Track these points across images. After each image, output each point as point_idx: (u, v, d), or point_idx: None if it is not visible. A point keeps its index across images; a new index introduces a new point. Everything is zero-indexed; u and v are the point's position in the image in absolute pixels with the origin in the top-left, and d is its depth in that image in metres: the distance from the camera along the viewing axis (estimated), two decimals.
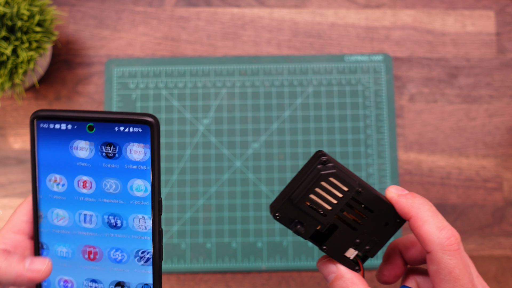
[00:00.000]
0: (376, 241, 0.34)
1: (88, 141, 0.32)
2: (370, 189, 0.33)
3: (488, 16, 0.63)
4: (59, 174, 0.33)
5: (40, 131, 0.33)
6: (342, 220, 0.33)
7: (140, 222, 0.33)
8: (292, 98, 0.61)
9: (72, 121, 0.32)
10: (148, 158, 0.32)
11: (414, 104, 0.62)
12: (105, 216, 0.34)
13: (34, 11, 0.53)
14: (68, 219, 0.34)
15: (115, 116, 0.32)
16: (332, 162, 0.32)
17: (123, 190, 0.33)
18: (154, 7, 0.63)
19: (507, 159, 0.61)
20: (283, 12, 0.63)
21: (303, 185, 0.32)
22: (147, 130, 0.31)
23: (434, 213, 0.31)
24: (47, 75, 0.62)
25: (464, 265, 0.30)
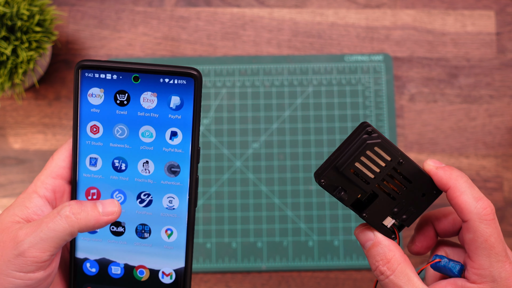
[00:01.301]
0: (412, 211, 0.35)
1: (127, 91, 0.34)
2: (410, 161, 0.34)
3: (488, 16, 0.63)
4: (99, 122, 0.35)
5: (84, 80, 0.34)
6: (382, 189, 0.35)
7: (173, 170, 0.35)
8: (292, 98, 0.61)
9: (118, 72, 0.33)
10: (190, 109, 0.34)
11: (414, 104, 0.62)
12: (140, 162, 0.35)
13: (34, 11, 0.53)
14: (102, 166, 0.36)
15: (161, 68, 0.33)
16: (377, 133, 0.33)
17: (160, 138, 0.35)
18: (154, 7, 0.63)
19: (507, 159, 0.61)
20: (283, 12, 0.63)
21: (348, 153, 0.33)
22: (191, 83, 0.33)
23: (471, 185, 0.33)
24: (47, 75, 0.62)
25: (498, 235, 0.32)
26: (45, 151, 0.60)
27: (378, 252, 0.34)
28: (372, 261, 0.34)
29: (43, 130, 0.61)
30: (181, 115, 0.34)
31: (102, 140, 0.35)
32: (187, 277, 0.37)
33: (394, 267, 0.33)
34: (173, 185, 0.36)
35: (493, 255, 0.31)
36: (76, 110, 0.35)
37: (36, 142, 0.61)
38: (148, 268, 0.37)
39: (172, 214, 0.36)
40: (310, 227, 0.59)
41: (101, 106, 0.34)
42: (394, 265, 0.33)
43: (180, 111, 0.34)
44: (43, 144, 0.61)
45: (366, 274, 0.59)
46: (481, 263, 0.32)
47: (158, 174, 0.35)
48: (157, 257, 0.37)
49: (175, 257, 0.37)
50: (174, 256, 0.37)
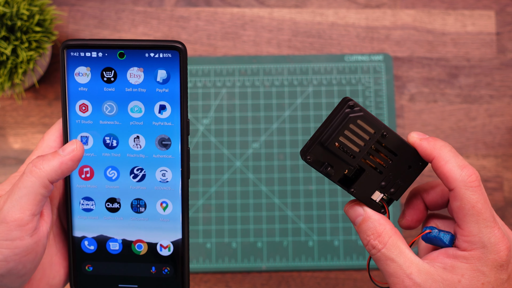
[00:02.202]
0: (400, 184, 0.35)
1: (113, 67, 0.34)
2: (394, 134, 0.34)
3: (489, 16, 0.63)
4: (88, 100, 0.35)
5: (70, 60, 0.34)
6: (369, 163, 0.35)
7: (164, 143, 0.36)
8: (292, 98, 0.61)
9: (103, 49, 0.34)
10: (177, 82, 0.34)
11: (414, 104, 0.62)
12: (131, 137, 0.36)
13: (33, 11, 0.53)
14: (93, 143, 0.36)
15: (145, 43, 0.33)
16: (359, 107, 0.34)
17: (149, 112, 0.35)
18: (154, 7, 0.63)
19: (507, 159, 0.61)
20: (283, 12, 0.63)
21: (332, 128, 0.34)
22: (176, 56, 0.34)
23: (455, 153, 0.33)
24: (47, 75, 0.62)
25: (485, 200, 0.32)
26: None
27: (369, 226, 0.34)
28: (363, 236, 0.34)
29: (43, 130, 0.61)
30: (169, 89, 0.35)
31: (91, 118, 0.36)
32: (185, 248, 0.37)
33: (385, 240, 0.33)
34: (165, 158, 0.36)
35: (481, 221, 0.32)
36: (64, 90, 0.35)
37: (36, 142, 0.61)
38: (146, 242, 0.37)
39: (166, 187, 0.37)
40: (310, 227, 0.59)
41: (88, 85, 0.35)
42: (385, 238, 0.33)
43: (167, 85, 0.35)
44: None
45: (366, 274, 0.59)
46: (470, 230, 0.32)
47: (149, 148, 0.36)
48: (154, 231, 0.37)
49: (172, 229, 0.37)
50: (171, 228, 0.37)
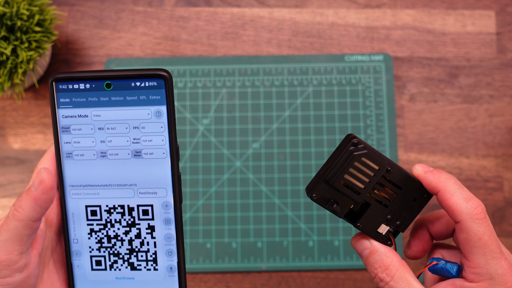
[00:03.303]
0: (406, 216, 0.36)
1: (100, 101, 0.34)
2: (398, 168, 0.35)
3: (489, 16, 0.63)
4: (78, 132, 0.35)
5: (59, 92, 0.34)
6: (374, 198, 0.35)
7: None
8: (292, 98, 0.61)
9: (90, 81, 0.34)
10: (164, 109, 0.34)
11: (415, 104, 0.62)
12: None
13: (33, 11, 0.53)
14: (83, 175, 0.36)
15: (130, 73, 0.34)
16: (363, 144, 0.34)
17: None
18: (154, 7, 0.63)
19: (507, 159, 0.61)
20: (283, 11, 0.63)
21: (337, 166, 0.34)
22: (162, 84, 0.34)
23: (460, 186, 0.33)
24: (47, 75, 0.62)
25: (491, 232, 0.32)
26: (44, 151, 0.60)
27: (376, 259, 0.34)
28: (371, 269, 0.35)
29: (42, 130, 0.61)
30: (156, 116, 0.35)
31: (82, 147, 0.35)
32: (181, 273, 0.36)
33: (393, 273, 0.34)
34: None
35: (488, 253, 0.32)
36: (55, 122, 0.35)
37: (36, 142, 0.61)
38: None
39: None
40: (310, 227, 0.59)
41: (77, 119, 0.35)
42: (393, 271, 0.34)
43: (154, 112, 0.35)
44: (43, 144, 0.61)
45: (366, 274, 0.59)
46: (477, 261, 0.32)
47: None
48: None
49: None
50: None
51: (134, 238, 0.36)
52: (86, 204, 0.35)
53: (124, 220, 0.36)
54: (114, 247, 0.36)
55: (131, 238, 0.36)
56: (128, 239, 0.36)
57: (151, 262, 0.36)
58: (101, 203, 0.35)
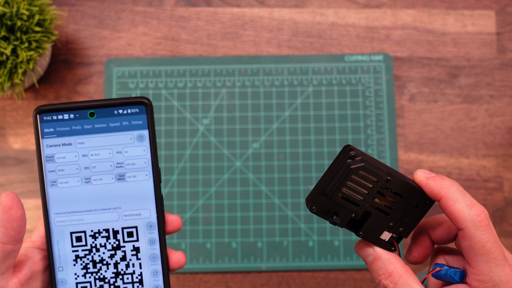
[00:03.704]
0: (408, 223, 0.36)
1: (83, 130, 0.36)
2: (398, 176, 0.34)
3: (489, 16, 0.63)
4: (62, 164, 0.36)
5: (43, 123, 0.35)
6: (375, 206, 0.35)
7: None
8: (292, 98, 0.61)
9: (74, 111, 0.35)
10: (146, 134, 0.36)
11: (415, 104, 0.62)
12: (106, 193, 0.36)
13: (33, 11, 0.53)
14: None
15: (113, 102, 0.35)
16: (360, 155, 0.34)
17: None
18: (154, 7, 0.63)
19: (507, 159, 0.61)
20: (283, 11, 0.63)
21: (335, 180, 0.34)
22: (143, 110, 0.35)
23: (463, 192, 0.33)
24: (47, 75, 0.62)
25: (495, 239, 0.32)
26: None
27: (380, 266, 0.35)
28: (375, 276, 0.35)
29: None
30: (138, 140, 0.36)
31: (66, 179, 0.36)
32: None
33: (396, 279, 0.34)
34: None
35: (492, 260, 0.32)
36: (40, 154, 0.35)
37: None
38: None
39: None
40: (310, 227, 0.59)
41: (61, 147, 0.36)
42: (396, 278, 0.34)
43: (138, 138, 0.36)
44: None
45: (366, 274, 0.59)
46: (481, 269, 0.32)
47: None
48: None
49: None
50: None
51: (119, 261, 0.36)
52: (71, 230, 0.36)
53: (109, 243, 0.36)
54: (100, 271, 0.36)
55: (117, 261, 0.36)
56: (114, 263, 0.36)
57: (137, 284, 0.37)
58: (86, 228, 0.36)
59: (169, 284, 0.37)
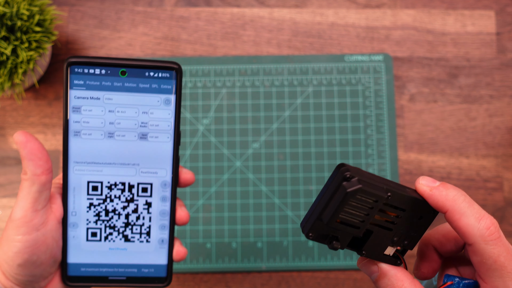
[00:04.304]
0: (413, 235, 0.34)
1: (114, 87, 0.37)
2: (399, 190, 0.32)
3: (489, 16, 0.63)
4: (88, 117, 0.37)
5: (73, 76, 0.36)
6: (377, 224, 0.33)
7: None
8: (292, 98, 0.61)
9: (106, 67, 0.36)
10: (172, 99, 0.37)
11: (414, 104, 0.62)
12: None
13: (33, 11, 0.53)
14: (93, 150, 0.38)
15: (146, 63, 0.36)
16: (356, 175, 0.31)
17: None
18: (154, 7, 0.63)
19: (507, 159, 0.61)
20: (283, 12, 0.63)
21: (331, 205, 0.31)
22: (173, 75, 0.36)
23: (470, 203, 0.31)
24: (47, 75, 0.62)
25: (508, 252, 0.30)
26: None
27: (387, 284, 0.33)
28: None
29: (43, 130, 0.61)
30: (166, 103, 0.37)
31: (91, 132, 0.37)
32: (170, 245, 0.39)
33: None
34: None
35: (506, 275, 0.30)
36: (66, 102, 0.36)
37: None
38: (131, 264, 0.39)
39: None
40: None
41: (89, 101, 0.36)
42: None
43: (164, 100, 0.37)
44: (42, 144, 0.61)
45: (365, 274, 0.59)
46: (495, 284, 0.30)
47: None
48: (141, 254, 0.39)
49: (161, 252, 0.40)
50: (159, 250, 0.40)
51: (131, 213, 0.38)
52: (88, 179, 0.37)
53: (124, 196, 0.38)
54: (111, 220, 0.38)
55: (128, 213, 0.38)
56: (125, 214, 0.38)
57: (145, 235, 0.38)
58: (103, 179, 0.37)
59: (173, 238, 0.39)
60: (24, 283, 0.36)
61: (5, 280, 0.37)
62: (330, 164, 0.60)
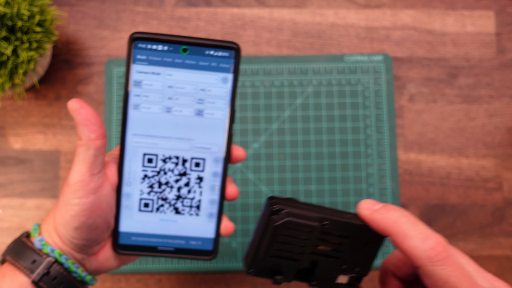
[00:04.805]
0: (363, 261, 0.32)
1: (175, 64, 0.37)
2: (337, 217, 0.31)
3: (488, 16, 0.63)
4: (148, 92, 0.38)
5: (136, 50, 0.37)
6: (320, 254, 0.32)
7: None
8: (292, 98, 0.61)
9: (168, 43, 0.37)
10: (230, 78, 0.38)
11: (414, 104, 0.62)
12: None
13: (34, 11, 0.53)
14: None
15: (207, 42, 0.37)
16: (286, 208, 0.30)
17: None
18: (154, 7, 0.63)
19: (507, 159, 0.61)
20: (283, 12, 0.64)
21: (264, 241, 0.31)
22: (232, 54, 0.37)
23: (413, 223, 0.29)
24: (47, 75, 0.62)
25: (459, 270, 0.28)
26: (45, 151, 0.60)
27: None
28: None
29: (43, 130, 0.61)
30: (223, 82, 0.38)
31: (151, 108, 0.38)
32: (219, 220, 0.40)
33: None
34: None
35: None
36: (128, 76, 0.37)
37: (36, 142, 0.61)
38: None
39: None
40: None
41: (150, 76, 0.37)
42: None
43: (221, 79, 0.38)
44: (43, 144, 0.61)
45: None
46: None
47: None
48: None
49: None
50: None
51: (183, 186, 0.39)
52: (144, 152, 0.38)
53: (177, 169, 0.39)
54: (163, 192, 0.39)
55: (180, 186, 0.39)
56: (178, 187, 0.39)
57: (195, 208, 0.39)
58: (159, 152, 0.38)
59: (222, 213, 0.40)
60: (79, 247, 0.38)
61: (61, 244, 0.38)
62: (330, 164, 0.60)
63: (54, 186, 0.60)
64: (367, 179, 0.60)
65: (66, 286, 0.38)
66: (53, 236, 0.38)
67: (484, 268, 0.59)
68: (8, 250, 0.38)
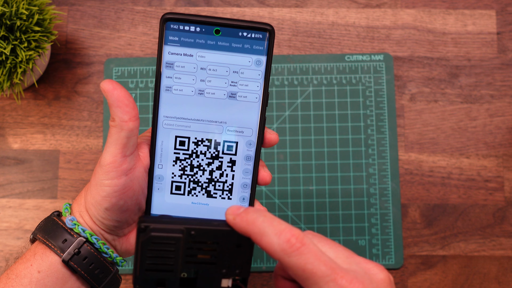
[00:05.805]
0: (241, 263, 0.34)
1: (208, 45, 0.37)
2: (204, 226, 0.33)
3: (489, 16, 0.63)
4: (180, 73, 0.37)
5: (168, 31, 0.36)
6: (197, 262, 0.33)
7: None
8: (293, 97, 0.61)
9: (201, 25, 0.36)
10: (264, 60, 0.37)
11: (415, 103, 0.62)
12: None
13: (33, 11, 0.53)
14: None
15: (240, 23, 0.36)
16: (152, 224, 0.32)
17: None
18: (154, 6, 0.63)
19: (508, 159, 0.61)
20: (283, 11, 0.63)
21: (138, 258, 0.33)
22: (265, 36, 0.37)
23: (269, 221, 0.30)
24: (46, 74, 0.61)
25: (315, 256, 0.29)
26: (44, 151, 0.60)
27: None
28: None
29: (42, 130, 0.61)
30: (257, 64, 0.38)
31: (182, 89, 0.38)
32: (251, 204, 0.39)
33: None
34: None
35: (319, 280, 0.29)
36: (160, 57, 0.36)
37: (35, 142, 0.60)
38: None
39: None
40: (310, 227, 0.59)
41: (182, 57, 0.37)
42: None
43: (255, 61, 0.37)
44: (42, 144, 0.60)
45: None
46: None
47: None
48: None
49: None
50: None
51: (215, 170, 0.39)
52: (176, 134, 0.38)
53: (209, 152, 0.38)
54: (196, 175, 0.39)
55: (212, 169, 0.38)
56: (210, 170, 0.38)
57: (227, 192, 0.39)
58: (191, 135, 0.38)
59: (254, 197, 0.39)
60: (110, 227, 0.37)
61: (92, 224, 0.38)
62: (330, 164, 0.60)
63: (53, 186, 0.60)
64: (368, 179, 0.60)
65: (96, 266, 0.37)
66: (84, 216, 0.38)
67: (486, 269, 0.59)
68: (38, 228, 0.38)
